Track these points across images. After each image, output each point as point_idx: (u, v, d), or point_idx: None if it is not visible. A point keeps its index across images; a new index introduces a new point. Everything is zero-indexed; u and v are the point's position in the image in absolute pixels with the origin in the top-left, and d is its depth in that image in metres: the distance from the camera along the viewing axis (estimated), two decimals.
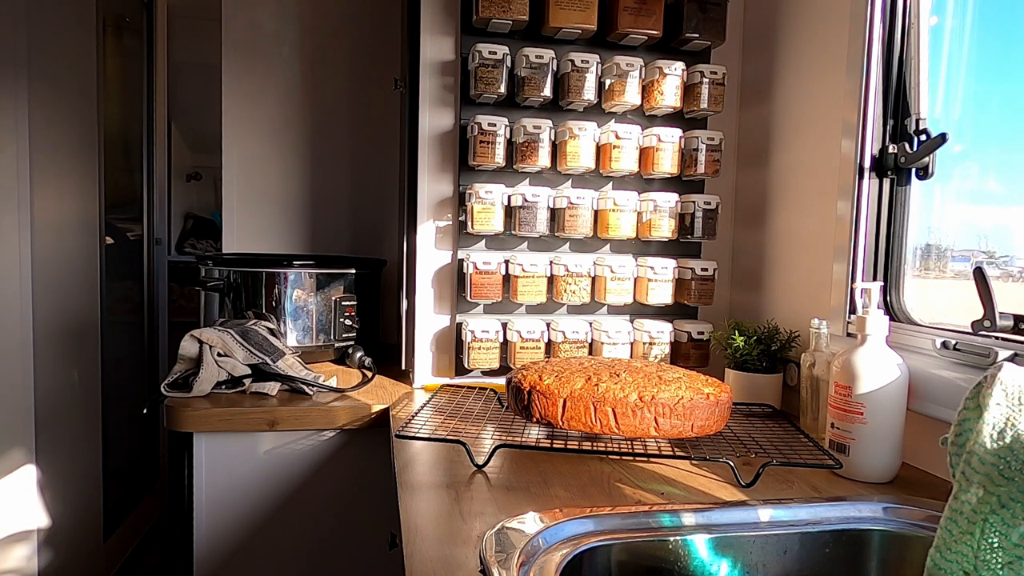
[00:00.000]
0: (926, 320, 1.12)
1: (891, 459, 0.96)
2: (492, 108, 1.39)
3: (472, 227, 1.36)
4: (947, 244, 1.21)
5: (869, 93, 1.16)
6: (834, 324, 1.20)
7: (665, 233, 1.40)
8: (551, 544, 0.75)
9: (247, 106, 1.88)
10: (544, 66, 1.34)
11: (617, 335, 1.39)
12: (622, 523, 0.81)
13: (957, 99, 1.18)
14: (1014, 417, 0.66)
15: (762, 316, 1.43)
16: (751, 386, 1.28)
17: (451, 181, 1.43)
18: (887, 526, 0.87)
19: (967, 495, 0.68)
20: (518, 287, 1.38)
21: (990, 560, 0.66)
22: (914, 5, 1.13)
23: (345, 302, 1.61)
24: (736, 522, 0.84)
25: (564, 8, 1.31)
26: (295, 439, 1.29)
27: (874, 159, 1.17)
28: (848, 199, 1.19)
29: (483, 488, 0.90)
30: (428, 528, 0.79)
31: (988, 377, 0.69)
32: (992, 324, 0.91)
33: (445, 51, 1.41)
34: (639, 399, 0.98)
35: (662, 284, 1.41)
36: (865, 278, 1.18)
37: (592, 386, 1.00)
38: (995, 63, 1.14)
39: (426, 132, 1.41)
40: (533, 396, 1.02)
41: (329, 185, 1.96)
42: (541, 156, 1.35)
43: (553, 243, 1.45)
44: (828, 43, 1.26)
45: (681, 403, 0.98)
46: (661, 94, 1.36)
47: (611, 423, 0.98)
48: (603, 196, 1.39)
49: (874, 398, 0.95)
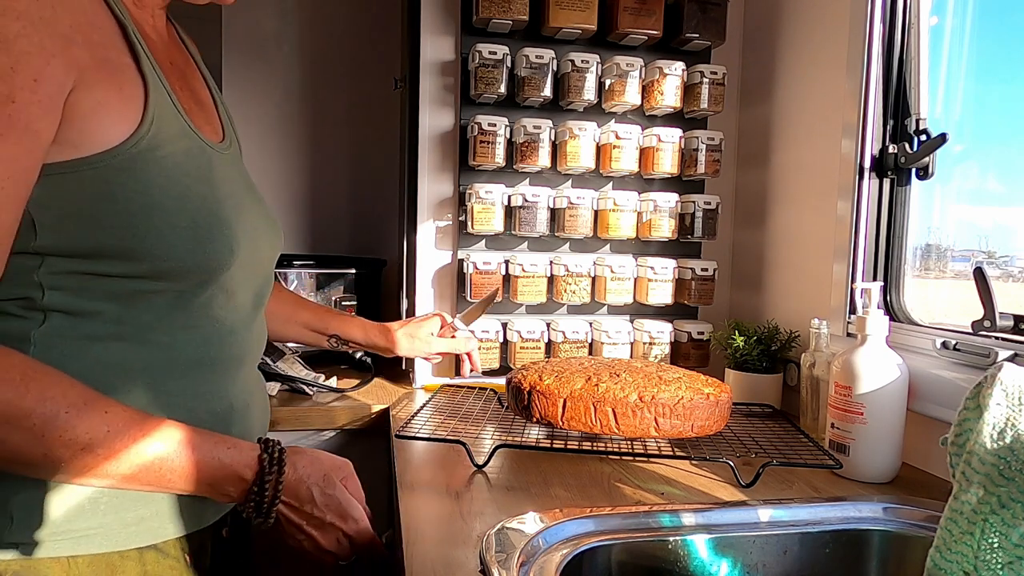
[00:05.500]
0: (926, 320, 1.12)
1: (891, 459, 0.96)
2: (492, 108, 1.39)
3: (472, 227, 1.36)
4: (947, 244, 1.21)
5: (869, 93, 1.16)
6: (834, 324, 1.20)
7: (665, 233, 1.40)
8: (551, 544, 0.75)
9: (247, 106, 1.88)
10: (544, 66, 1.34)
11: (617, 335, 1.39)
12: (622, 523, 0.81)
13: (957, 99, 1.18)
14: (1014, 417, 0.66)
15: (762, 316, 1.43)
16: (751, 386, 1.28)
17: (451, 181, 1.43)
18: (887, 526, 0.87)
19: (967, 495, 0.68)
20: (518, 287, 1.38)
21: (990, 560, 0.66)
22: (914, 5, 1.13)
23: (345, 302, 1.61)
24: (736, 522, 0.84)
25: (564, 8, 1.31)
26: (295, 439, 1.29)
27: (874, 159, 1.17)
28: (848, 199, 1.19)
29: (483, 488, 0.90)
30: (428, 528, 0.79)
31: (988, 377, 0.69)
32: (992, 324, 0.91)
33: (445, 51, 1.41)
34: (639, 399, 0.98)
35: (662, 284, 1.41)
36: (865, 278, 1.18)
37: (592, 386, 1.00)
38: (995, 63, 1.14)
39: (426, 132, 1.41)
40: (533, 396, 1.02)
41: (329, 185, 1.96)
42: (541, 156, 1.35)
43: (553, 243, 1.45)
44: (828, 43, 1.26)
45: (681, 403, 0.98)
46: (661, 94, 1.36)
47: (611, 423, 0.98)
48: (603, 196, 1.39)
49: (874, 398, 0.95)
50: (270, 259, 0.84)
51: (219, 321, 0.74)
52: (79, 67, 0.59)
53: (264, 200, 0.86)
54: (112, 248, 0.63)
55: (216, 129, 0.80)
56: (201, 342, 0.72)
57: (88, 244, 0.62)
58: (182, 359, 0.70)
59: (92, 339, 0.65)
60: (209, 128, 0.77)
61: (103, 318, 0.65)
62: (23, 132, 0.56)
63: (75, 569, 0.65)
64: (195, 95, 0.78)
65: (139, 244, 0.64)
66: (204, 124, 0.76)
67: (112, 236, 0.63)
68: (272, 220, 0.86)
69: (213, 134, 0.78)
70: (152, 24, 0.73)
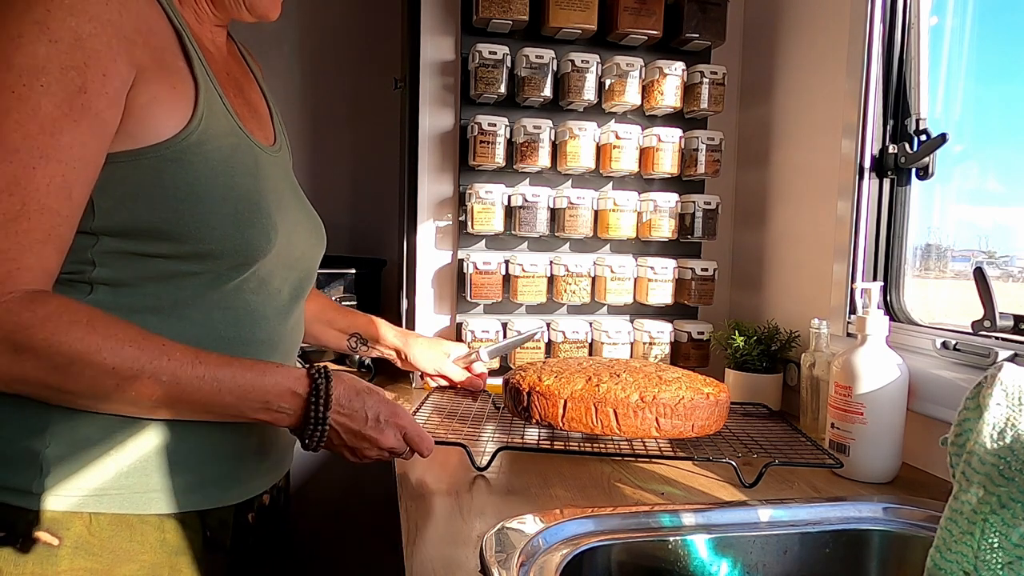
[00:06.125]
0: (926, 320, 1.12)
1: (891, 459, 0.96)
2: (492, 108, 1.39)
3: (472, 227, 1.36)
4: (947, 244, 1.21)
5: (869, 93, 1.16)
6: (834, 324, 1.20)
7: (665, 233, 1.40)
8: (551, 544, 0.75)
9: None
10: (544, 66, 1.34)
11: (617, 335, 1.39)
12: (622, 523, 0.81)
13: (957, 99, 1.18)
14: (1014, 417, 0.66)
15: (762, 316, 1.43)
16: (751, 386, 1.28)
17: (451, 181, 1.43)
18: (887, 526, 0.87)
19: (967, 495, 0.68)
20: (518, 287, 1.38)
21: (990, 560, 0.66)
22: (914, 5, 1.13)
23: (345, 302, 1.61)
24: (736, 522, 0.84)
25: (564, 8, 1.31)
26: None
27: (874, 159, 1.17)
28: (848, 199, 1.19)
29: (483, 488, 0.90)
30: (428, 528, 0.79)
31: (988, 377, 0.69)
32: (992, 324, 0.91)
33: (445, 51, 1.41)
34: (641, 399, 0.98)
35: (662, 284, 1.41)
36: (865, 278, 1.18)
37: (593, 387, 1.00)
38: (995, 63, 1.14)
39: (426, 132, 1.41)
40: (533, 397, 1.02)
41: (329, 185, 1.96)
42: (541, 156, 1.35)
43: (553, 243, 1.45)
44: (828, 43, 1.26)
45: (682, 403, 0.98)
46: (661, 94, 1.36)
47: (612, 424, 0.98)
48: (603, 196, 1.39)
49: (874, 398, 0.95)
50: (310, 256, 0.89)
51: (251, 305, 0.77)
52: (139, 66, 0.66)
53: (308, 203, 0.91)
54: (159, 231, 0.69)
55: (268, 135, 0.86)
56: (233, 322, 0.76)
57: (138, 226, 0.68)
58: (213, 336, 0.74)
59: (132, 311, 0.69)
60: (261, 133, 0.84)
61: (143, 292, 0.70)
62: (94, 120, 0.63)
63: (96, 525, 0.69)
64: (250, 104, 0.86)
65: (184, 228, 0.69)
66: (256, 129, 0.82)
67: (160, 220, 0.68)
68: (315, 220, 0.91)
69: (264, 139, 0.84)
70: (211, 39, 0.82)
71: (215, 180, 0.71)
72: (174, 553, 0.73)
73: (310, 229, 0.89)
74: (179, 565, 0.73)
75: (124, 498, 0.70)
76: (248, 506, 0.82)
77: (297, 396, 0.73)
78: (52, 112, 0.61)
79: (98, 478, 0.69)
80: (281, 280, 0.82)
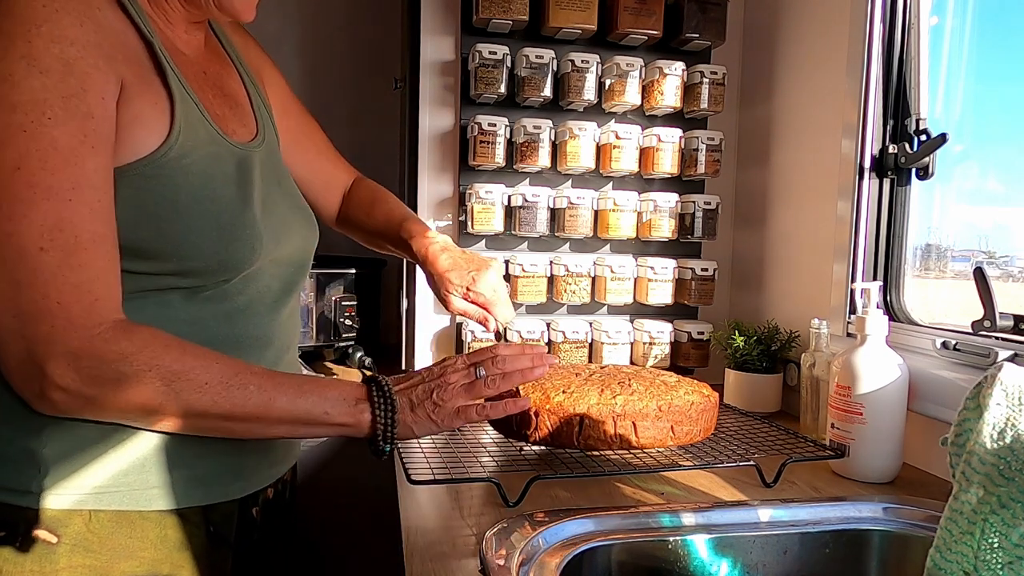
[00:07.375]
0: (926, 320, 1.12)
1: (891, 459, 0.96)
2: (492, 108, 1.39)
3: (472, 227, 1.36)
4: (947, 244, 1.21)
5: (869, 93, 1.16)
6: (834, 324, 1.20)
7: (665, 233, 1.40)
8: (551, 544, 0.75)
9: None
10: (544, 66, 1.34)
11: (617, 335, 1.39)
12: (622, 523, 0.81)
13: (957, 99, 1.18)
14: (1014, 417, 0.66)
15: (762, 316, 1.43)
16: (751, 386, 1.28)
17: (451, 181, 1.43)
18: (887, 526, 0.87)
19: (967, 495, 0.68)
20: (518, 287, 1.38)
21: (990, 560, 0.66)
22: (914, 5, 1.13)
23: (345, 302, 1.61)
24: (736, 522, 0.84)
25: (564, 8, 1.31)
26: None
27: (874, 159, 1.17)
28: (848, 199, 1.19)
29: (483, 488, 0.90)
30: (428, 528, 0.79)
31: (988, 377, 0.69)
32: (992, 324, 0.91)
33: (445, 51, 1.41)
34: (658, 408, 0.94)
35: (662, 284, 1.41)
36: (865, 278, 1.18)
37: (609, 399, 0.94)
38: (995, 63, 1.14)
39: (426, 132, 1.41)
40: (542, 417, 0.93)
41: None
42: (541, 156, 1.35)
43: (553, 243, 1.45)
44: (828, 43, 1.26)
45: (693, 407, 0.96)
46: (661, 94, 1.36)
47: (631, 436, 0.93)
48: (603, 196, 1.39)
49: (874, 398, 0.95)
50: (302, 249, 0.87)
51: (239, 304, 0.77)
52: (123, 82, 0.66)
53: (297, 192, 0.90)
54: (142, 250, 0.68)
55: (250, 128, 0.84)
56: (223, 319, 0.75)
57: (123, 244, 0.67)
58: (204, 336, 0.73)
59: None
60: (243, 129, 0.82)
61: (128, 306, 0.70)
62: (106, 143, 0.64)
63: (96, 523, 0.69)
64: (229, 98, 0.83)
65: (166, 245, 0.69)
66: (238, 126, 0.81)
67: (142, 239, 0.68)
68: (305, 212, 0.90)
69: (246, 134, 0.82)
70: (185, 39, 0.78)
71: (196, 193, 0.70)
72: (176, 549, 0.73)
73: (300, 222, 0.87)
74: (181, 561, 0.73)
75: (124, 495, 0.70)
76: (252, 500, 0.82)
77: (361, 391, 0.75)
78: (69, 142, 0.61)
79: (97, 476, 0.69)
80: (271, 277, 0.81)
